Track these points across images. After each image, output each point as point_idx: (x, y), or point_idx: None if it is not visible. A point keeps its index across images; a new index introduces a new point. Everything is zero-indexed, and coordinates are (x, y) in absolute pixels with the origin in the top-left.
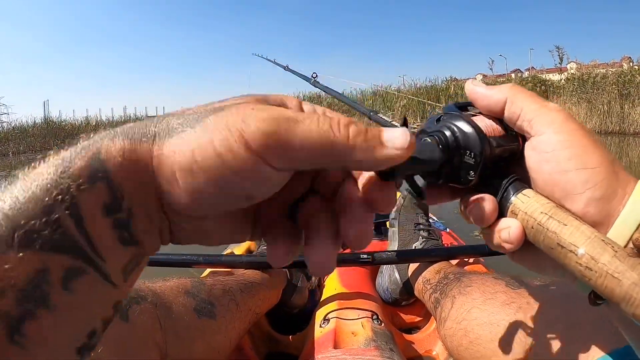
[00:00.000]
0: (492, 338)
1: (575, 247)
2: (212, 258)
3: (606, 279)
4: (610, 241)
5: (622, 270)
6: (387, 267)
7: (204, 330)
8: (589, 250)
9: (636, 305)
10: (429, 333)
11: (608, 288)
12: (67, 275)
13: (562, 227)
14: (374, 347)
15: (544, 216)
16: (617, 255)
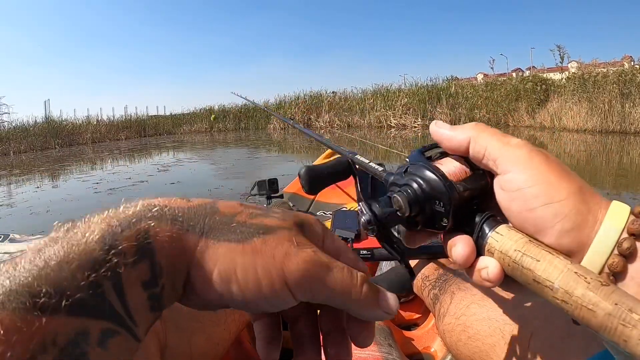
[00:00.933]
0: (490, 333)
1: (550, 283)
2: None
3: (582, 311)
4: (584, 272)
5: (596, 301)
6: (387, 264)
7: (204, 322)
8: (562, 285)
9: (612, 334)
10: (427, 329)
11: (585, 319)
12: (104, 335)
13: (535, 263)
14: (373, 342)
15: (518, 253)
16: (589, 287)
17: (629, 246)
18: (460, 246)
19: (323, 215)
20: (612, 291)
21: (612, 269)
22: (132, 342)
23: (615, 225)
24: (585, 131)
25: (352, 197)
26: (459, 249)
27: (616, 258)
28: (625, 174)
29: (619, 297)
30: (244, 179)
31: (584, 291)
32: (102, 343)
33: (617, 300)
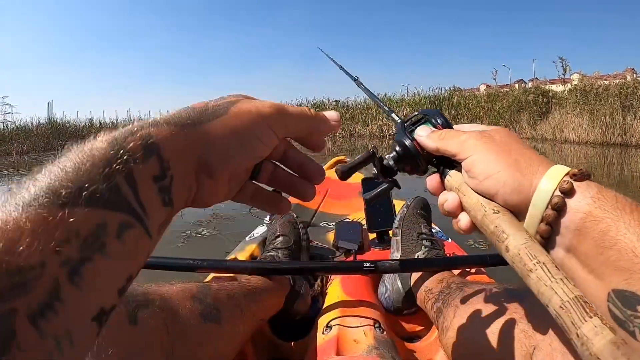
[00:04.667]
0: (493, 348)
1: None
2: (217, 263)
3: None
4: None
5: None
6: (390, 276)
7: (209, 335)
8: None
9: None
10: (430, 342)
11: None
12: (121, 228)
13: (463, 196)
14: (376, 355)
15: (456, 190)
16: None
17: (558, 202)
18: (429, 181)
19: (326, 225)
20: (497, 218)
21: (547, 220)
22: (145, 237)
23: (548, 186)
24: (587, 143)
25: (355, 208)
26: (428, 182)
27: (549, 211)
28: (626, 186)
29: (500, 222)
30: None
31: (481, 216)
32: (119, 235)
33: (497, 225)
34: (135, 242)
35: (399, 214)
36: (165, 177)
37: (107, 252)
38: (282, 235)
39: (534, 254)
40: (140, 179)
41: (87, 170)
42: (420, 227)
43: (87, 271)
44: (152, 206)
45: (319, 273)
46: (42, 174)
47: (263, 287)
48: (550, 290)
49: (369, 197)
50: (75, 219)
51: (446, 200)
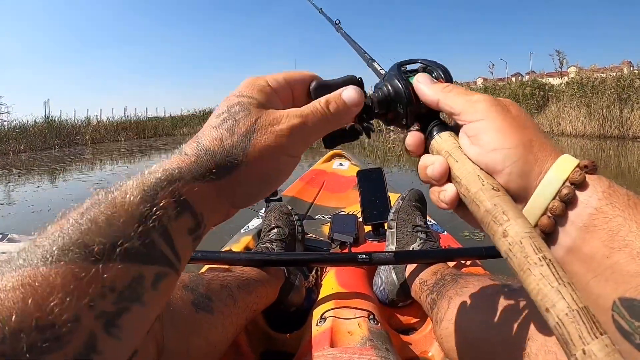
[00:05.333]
0: (488, 338)
1: (459, 179)
2: (211, 254)
3: (472, 205)
4: (484, 176)
5: (482, 199)
6: (385, 268)
7: (201, 324)
8: (465, 182)
9: (486, 227)
10: (425, 334)
11: (473, 211)
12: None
13: (455, 163)
14: (370, 346)
15: (446, 153)
16: (482, 188)
17: (568, 193)
18: (410, 137)
19: (322, 218)
20: (496, 195)
21: (552, 212)
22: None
23: (558, 175)
24: (584, 136)
25: (350, 200)
26: (409, 139)
27: (556, 203)
28: (623, 178)
29: (500, 202)
30: None
31: (477, 190)
32: (155, 285)
33: (496, 203)
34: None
35: (394, 206)
36: (200, 228)
37: (143, 301)
38: (276, 227)
39: (539, 247)
40: (176, 234)
41: (120, 226)
42: (415, 220)
43: (124, 321)
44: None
45: (313, 264)
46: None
47: (257, 279)
48: (556, 294)
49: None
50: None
51: (432, 164)
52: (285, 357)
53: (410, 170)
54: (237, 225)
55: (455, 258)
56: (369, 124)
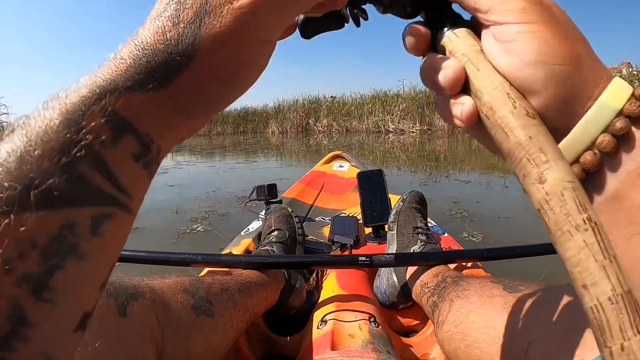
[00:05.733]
0: (489, 341)
1: (481, 94)
2: (211, 257)
3: (498, 131)
4: (516, 97)
5: (513, 127)
6: (385, 270)
7: (201, 328)
8: (490, 100)
9: (516, 164)
10: (426, 336)
11: (498, 140)
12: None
13: (475, 72)
14: (371, 349)
15: (464, 57)
16: (513, 112)
17: (623, 127)
18: (412, 29)
19: (322, 220)
20: (533, 124)
21: (601, 149)
22: (128, 217)
23: (612, 104)
24: None
25: (350, 202)
26: (410, 31)
27: (607, 137)
28: None
29: (537, 134)
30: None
31: (506, 113)
32: (95, 231)
33: (532, 135)
34: (118, 229)
35: (394, 208)
36: (150, 151)
37: (81, 254)
38: (277, 229)
39: (584, 205)
40: (115, 162)
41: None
42: (416, 221)
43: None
44: (135, 184)
45: (314, 267)
46: None
47: (258, 281)
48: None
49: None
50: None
51: (444, 68)
52: (286, 358)
53: (410, 172)
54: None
55: (456, 260)
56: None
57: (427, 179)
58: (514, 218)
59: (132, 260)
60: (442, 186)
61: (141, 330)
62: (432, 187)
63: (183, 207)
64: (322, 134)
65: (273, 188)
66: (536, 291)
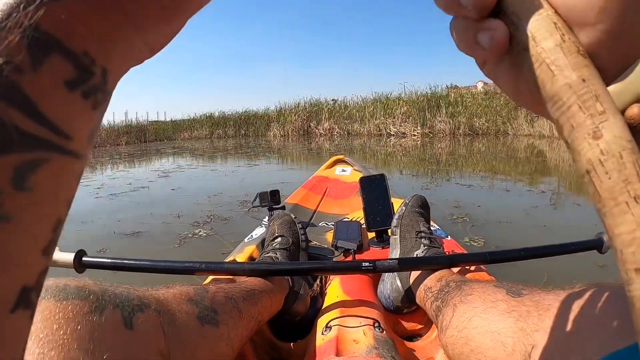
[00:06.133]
0: (492, 346)
1: (519, 20)
2: (215, 265)
3: (540, 68)
4: (564, 28)
5: (562, 65)
6: (389, 275)
7: (207, 337)
8: (532, 28)
9: (561, 112)
10: (430, 341)
11: (540, 80)
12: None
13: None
14: (376, 354)
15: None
16: (562, 45)
17: None
18: None
19: (325, 225)
20: (585, 65)
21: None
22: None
23: None
24: None
25: (353, 207)
26: None
27: None
28: None
29: (590, 77)
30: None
31: (553, 46)
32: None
33: (586, 77)
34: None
35: (397, 212)
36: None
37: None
38: (280, 236)
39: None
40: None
41: None
42: (419, 225)
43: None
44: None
45: (317, 273)
46: None
47: (262, 289)
48: None
49: None
50: None
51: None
52: None
53: (411, 176)
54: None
55: (460, 264)
56: None
57: (429, 182)
58: (515, 222)
59: (137, 270)
60: (444, 190)
61: (147, 342)
62: (434, 191)
63: (185, 212)
64: (324, 137)
65: (276, 194)
66: (539, 295)
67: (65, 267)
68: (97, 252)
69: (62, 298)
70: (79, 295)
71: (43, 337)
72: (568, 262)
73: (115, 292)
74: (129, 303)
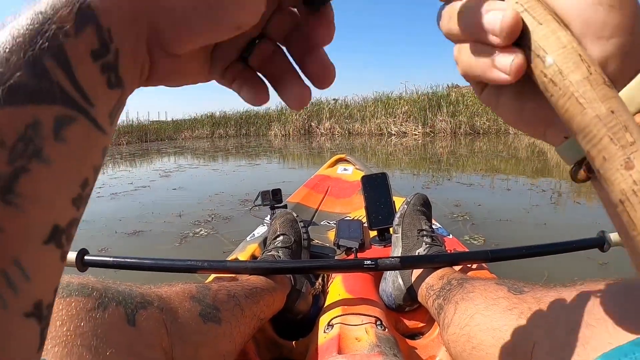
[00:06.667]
0: (494, 343)
1: (544, 53)
2: (217, 264)
3: (569, 102)
4: (589, 60)
5: (591, 98)
6: (391, 273)
7: (209, 335)
8: (558, 61)
9: (593, 144)
10: (432, 339)
11: (568, 113)
12: (59, 125)
13: (536, 25)
14: (378, 352)
15: (519, 7)
16: (590, 78)
17: None
18: None
19: (327, 224)
20: (613, 96)
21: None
22: (94, 131)
23: None
24: None
25: (355, 206)
26: None
27: None
28: None
29: (620, 107)
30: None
31: (581, 79)
32: (58, 134)
33: (615, 109)
34: (82, 139)
35: (399, 210)
36: (109, 52)
37: (45, 157)
38: (282, 234)
39: None
40: (77, 58)
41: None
42: (420, 224)
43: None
44: (95, 90)
45: (319, 271)
46: None
47: (264, 287)
48: None
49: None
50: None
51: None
52: None
53: (412, 175)
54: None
55: (461, 262)
56: None
57: (430, 181)
58: (515, 221)
59: (139, 268)
60: (445, 189)
61: (150, 339)
62: (435, 190)
63: (186, 211)
64: (325, 136)
65: (277, 193)
66: (541, 292)
67: (67, 265)
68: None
69: (65, 295)
70: (82, 292)
71: None
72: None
73: (118, 289)
74: (131, 300)
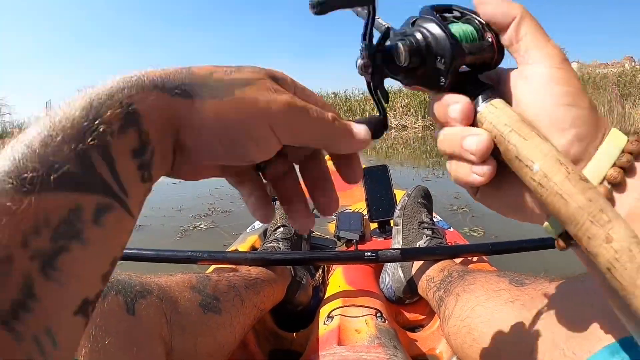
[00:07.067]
0: (495, 335)
1: (532, 163)
2: (217, 254)
3: (555, 198)
4: (566, 162)
5: (571, 192)
6: (391, 265)
7: (209, 325)
8: (543, 167)
9: (578, 228)
10: (432, 331)
11: (556, 207)
12: (98, 211)
13: (522, 141)
14: (378, 344)
15: (507, 128)
16: (569, 177)
17: (628, 160)
18: (460, 104)
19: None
20: (589, 187)
21: (611, 180)
22: (127, 218)
23: (617, 143)
24: None
25: (356, 198)
26: (458, 105)
27: (615, 170)
28: None
29: (594, 195)
30: None
31: (562, 179)
32: (97, 220)
33: (591, 197)
34: (117, 225)
35: (399, 203)
36: (146, 152)
37: (84, 239)
38: (282, 225)
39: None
40: (119, 155)
41: (55, 147)
42: (421, 216)
43: (62, 262)
44: (132, 185)
45: (320, 263)
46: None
47: (264, 278)
48: None
49: None
50: (45, 207)
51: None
52: (294, 356)
53: (412, 168)
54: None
55: (462, 255)
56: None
57: (430, 174)
58: None
59: (140, 259)
60: (445, 182)
61: (150, 328)
62: (435, 183)
63: (186, 205)
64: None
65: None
66: (542, 284)
67: None
68: None
69: None
70: None
71: None
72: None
73: (118, 278)
74: (131, 289)
